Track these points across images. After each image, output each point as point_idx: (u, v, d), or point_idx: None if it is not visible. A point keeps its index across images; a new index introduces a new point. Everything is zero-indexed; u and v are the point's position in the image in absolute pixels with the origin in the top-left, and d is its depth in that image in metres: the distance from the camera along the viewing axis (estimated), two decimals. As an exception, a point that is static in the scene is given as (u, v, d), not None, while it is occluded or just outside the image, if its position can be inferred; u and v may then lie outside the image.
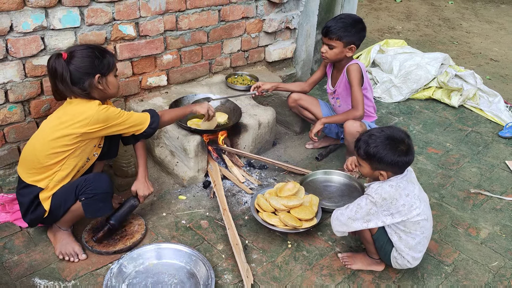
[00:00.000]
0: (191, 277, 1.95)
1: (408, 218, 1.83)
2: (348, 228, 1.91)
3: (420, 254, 1.94)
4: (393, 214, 1.83)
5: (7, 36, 2.19)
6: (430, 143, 3.18)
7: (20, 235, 2.14)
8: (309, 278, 2.02)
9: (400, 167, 1.84)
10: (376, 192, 1.83)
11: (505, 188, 2.73)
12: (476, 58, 4.98)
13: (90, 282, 1.93)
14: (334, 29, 2.49)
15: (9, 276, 1.92)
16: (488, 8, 7.11)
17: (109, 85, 2.00)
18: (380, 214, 1.84)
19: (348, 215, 1.89)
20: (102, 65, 1.95)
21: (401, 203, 1.82)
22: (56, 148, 1.90)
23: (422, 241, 1.91)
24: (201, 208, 2.40)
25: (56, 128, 1.91)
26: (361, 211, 1.86)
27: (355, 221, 1.87)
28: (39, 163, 1.93)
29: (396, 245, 1.92)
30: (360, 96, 2.50)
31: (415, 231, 1.87)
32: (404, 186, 1.83)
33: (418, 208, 1.83)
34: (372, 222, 1.85)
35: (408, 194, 1.83)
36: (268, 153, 2.93)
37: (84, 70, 1.90)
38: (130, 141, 2.20)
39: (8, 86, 2.29)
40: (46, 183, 1.95)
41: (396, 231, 1.90)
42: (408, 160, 1.83)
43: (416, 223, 1.85)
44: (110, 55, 2.00)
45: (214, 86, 3.09)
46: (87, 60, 1.91)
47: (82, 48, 1.94)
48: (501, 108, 3.60)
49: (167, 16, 2.74)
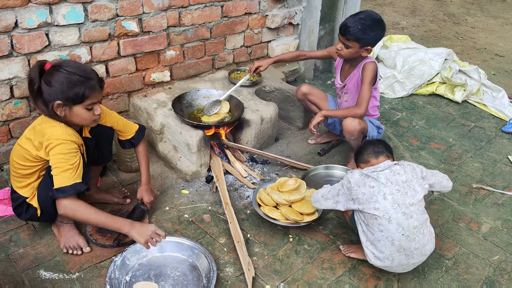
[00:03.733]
0: (194, 270, 1.97)
1: (364, 208, 1.87)
2: (320, 205, 2.07)
3: (381, 255, 1.88)
4: (354, 200, 1.92)
5: (12, 32, 2.22)
6: (433, 138, 3.18)
7: (26, 228, 2.18)
8: (310, 272, 2.04)
9: (363, 156, 2.03)
10: (346, 177, 1.97)
11: (508, 183, 2.73)
12: (481, 53, 4.96)
13: (94, 274, 1.96)
14: (353, 30, 2.40)
15: (15, 268, 1.96)
16: (494, 3, 7.06)
17: (73, 115, 1.84)
18: (347, 197, 1.94)
19: (322, 193, 2.06)
20: (68, 94, 1.77)
21: (361, 191, 1.89)
22: (21, 159, 1.88)
23: (383, 241, 1.86)
24: (203, 202, 2.43)
25: (26, 134, 1.89)
26: (332, 191, 2.01)
27: (326, 200, 2.02)
28: (14, 168, 1.93)
29: (360, 235, 1.97)
30: (367, 95, 2.48)
31: (372, 225, 1.88)
32: (372, 180, 1.89)
33: (377, 203, 1.84)
34: (340, 204, 1.97)
35: (373, 187, 1.88)
36: (271, 148, 2.95)
37: (49, 91, 1.77)
38: (126, 146, 2.24)
39: (14, 81, 2.33)
40: (29, 192, 1.96)
41: (359, 221, 1.95)
42: (369, 147, 2.03)
43: (373, 218, 1.86)
44: (87, 88, 1.79)
45: (217, 82, 3.11)
46: (55, 84, 1.76)
47: (62, 70, 1.78)
48: (505, 103, 3.59)
49: (170, 12, 2.76)
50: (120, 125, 2.16)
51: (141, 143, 2.24)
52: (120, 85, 2.76)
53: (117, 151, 2.54)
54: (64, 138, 1.81)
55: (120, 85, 2.76)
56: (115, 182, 2.57)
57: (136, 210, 2.21)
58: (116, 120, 2.14)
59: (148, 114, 2.73)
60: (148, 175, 2.29)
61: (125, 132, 2.19)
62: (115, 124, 2.14)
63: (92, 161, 2.10)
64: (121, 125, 2.17)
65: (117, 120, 2.15)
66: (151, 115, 2.71)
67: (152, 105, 2.75)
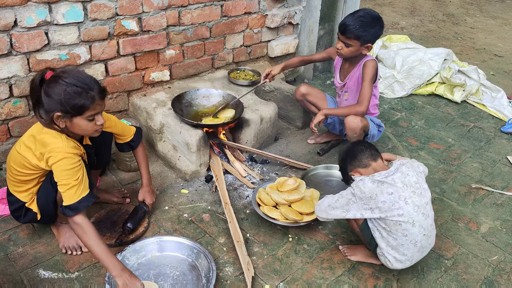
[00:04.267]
0: (193, 269, 1.97)
1: (387, 216, 1.82)
2: (328, 214, 1.98)
3: (404, 257, 1.88)
4: (373, 209, 1.85)
5: (11, 31, 2.22)
6: (432, 139, 3.19)
7: (25, 227, 2.17)
8: (310, 271, 2.04)
9: (362, 161, 1.97)
10: (356, 185, 1.88)
11: (507, 183, 2.74)
12: (480, 53, 4.96)
13: (94, 273, 1.95)
14: (353, 28, 2.41)
15: (14, 268, 1.96)
16: (493, 4, 7.07)
17: (73, 126, 1.80)
18: (360, 206, 1.87)
19: (329, 202, 1.97)
20: (68, 106, 1.73)
21: (381, 200, 1.82)
22: (20, 166, 1.86)
23: (406, 244, 1.85)
24: (203, 202, 2.43)
25: (25, 142, 1.86)
26: (341, 200, 1.93)
27: (334, 209, 1.94)
28: (12, 173, 1.91)
29: (378, 241, 1.91)
30: (368, 93, 2.48)
31: (396, 231, 1.84)
32: (388, 185, 1.83)
33: (400, 209, 1.81)
34: (351, 213, 1.89)
35: (392, 193, 1.82)
36: (270, 148, 2.95)
37: (49, 102, 1.73)
38: (124, 149, 2.22)
39: (13, 80, 2.32)
40: (28, 197, 1.95)
41: (378, 227, 1.89)
42: (363, 149, 1.98)
43: (397, 224, 1.82)
44: (87, 98, 1.75)
45: (217, 81, 3.11)
46: (55, 96, 1.72)
47: (62, 81, 1.73)
48: (504, 103, 3.60)
49: (169, 11, 2.76)
50: (119, 128, 2.14)
51: (140, 144, 2.23)
52: (119, 84, 2.76)
53: (116, 151, 2.54)
54: (66, 151, 1.78)
55: (119, 84, 2.76)
56: (114, 181, 2.56)
57: (139, 211, 2.21)
58: (115, 124, 2.12)
59: (147, 114, 2.73)
60: (149, 176, 2.29)
61: (124, 135, 2.17)
62: (114, 128, 2.11)
63: (91, 165, 2.09)
64: (120, 128, 2.14)
65: (116, 124, 2.12)
66: (150, 115, 2.70)
67: (152, 105, 2.74)
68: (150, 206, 2.26)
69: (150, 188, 2.28)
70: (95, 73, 2.60)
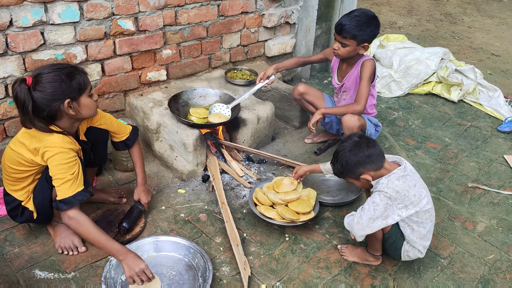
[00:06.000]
0: (190, 269, 1.97)
1: (421, 208, 1.85)
2: (371, 229, 1.85)
3: (428, 242, 1.97)
4: (407, 206, 1.83)
5: (7, 30, 2.21)
6: (429, 138, 3.19)
7: (21, 227, 2.17)
8: (306, 271, 2.04)
9: (375, 160, 1.84)
10: (388, 187, 1.81)
11: (503, 182, 2.74)
12: (477, 53, 4.97)
13: (90, 274, 1.95)
14: (349, 28, 2.41)
15: (10, 268, 1.95)
16: (490, 3, 7.08)
17: (82, 108, 1.81)
18: (395, 208, 1.82)
19: (368, 215, 1.83)
20: (71, 88, 1.74)
21: (412, 194, 1.83)
22: (14, 163, 1.85)
23: (431, 229, 1.95)
24: (200, 202, 2.43)
25: (19, 138, 1.85)
26: (379, 208, 1.81)
27: (375, 220, 1.83)
28: (7, 172, 1.91)
29: (409, 238, 1.93)
30: (366, 92, 2.49)
31: (426, 220, 1.90)
32: (410, 177, 1.86)
33: (426, 197, 1.87)
34: (390, 218, 1.83)
35: (415, 185, 1.86)
36: (267, 147, 2.95)
37: (50, 97, 1.71)
38: (120, 147, 2.22)
39: (8, 80, 2.32)
40: (24, 196, 1.95)
41: (409, 223, 1.90)
42: (376, 151, 1.84)
43: (427, 212, 1.89)
44: (81, 74, 1.78)
45: (214, 81, 3.11)
46: (53, 85, 1.70)
47: (48, 71, 1.72)
48: (500, 102, 3.60)
49: (166, 11, 2.75)
50: (114, 126, 2.14)
51: (135, 144, 2.24)
52: (116, 84, 2.75)
53: (112, 151, 2.54)
54: (62, 146, 1.78)
55: (116, 84, 2.75)
56: (111, 181, 2.56)
57: (134, 210, 2.20)
58: (111, 122, 2.13)
59: (144, 113, 2.73)
60: (144, 175, 2.28)
61: (119, 133, 2.18)
62: (109, 126, 2.12)
63: (87, 163, 2.09)
64: (115, 126, 2.15)
65: (111, 121, 2.13)
66: (147, 114, 2.70)
67: (148, 104, 2.74)
68: (146, 205, 2.26)
69: (146, 187, 2.28)
70: (92, 73, 2.59)
